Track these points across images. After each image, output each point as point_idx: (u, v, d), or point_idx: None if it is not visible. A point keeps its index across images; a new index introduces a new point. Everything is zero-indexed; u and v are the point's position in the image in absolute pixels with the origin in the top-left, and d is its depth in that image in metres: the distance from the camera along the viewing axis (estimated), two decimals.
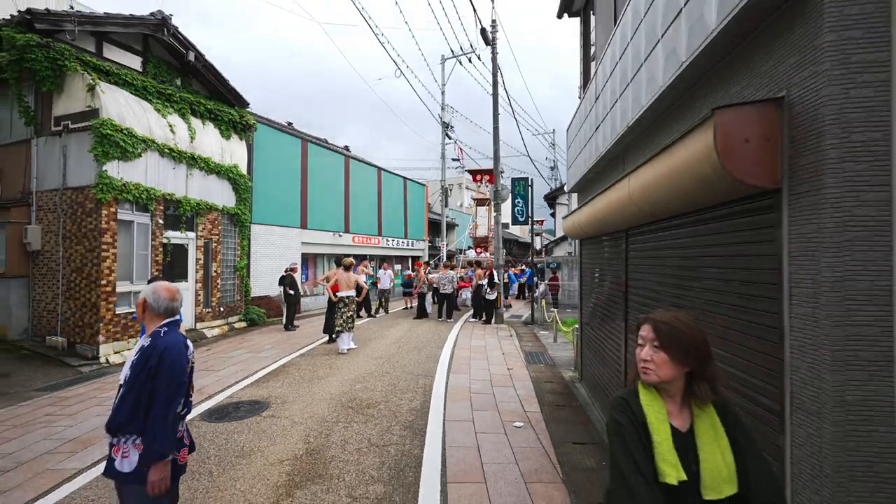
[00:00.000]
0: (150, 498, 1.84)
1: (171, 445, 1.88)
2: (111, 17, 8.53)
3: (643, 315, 1.33)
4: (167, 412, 1.85)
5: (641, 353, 1.26)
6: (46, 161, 7.74)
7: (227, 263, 10.64)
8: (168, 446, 1.85)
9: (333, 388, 5.55)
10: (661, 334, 1.23)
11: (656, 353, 1.23)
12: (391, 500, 3.01)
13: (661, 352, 1.22)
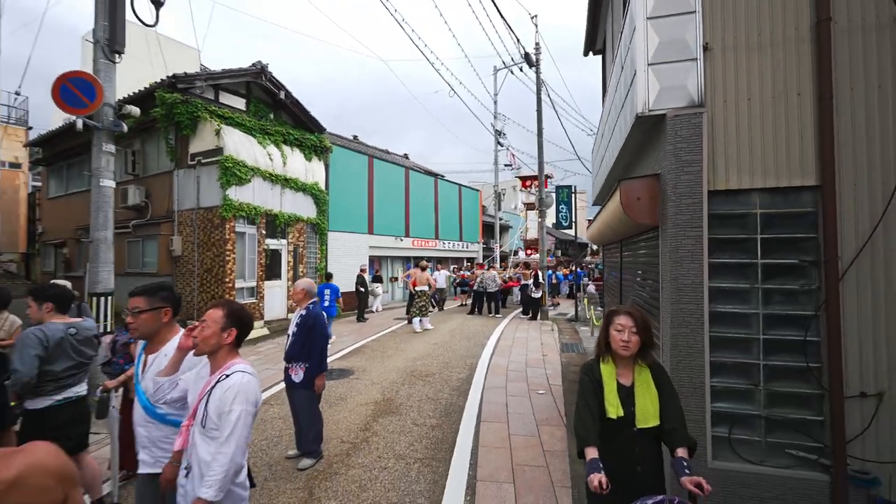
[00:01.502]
0: (312, 396, 3.45)
1: (325, 366, 3.49)
2: (225, 72, 10.84)
3: (619, 308, 1.97)
4: (323, 347, 3.45)
5: (623, 335, 1.85)
6: (185, 187, 10.14)
7: (311, 265, 12.75)
8: (324, 366, 3.47)
9: (399, 363, 7.13)
10: (638, 323, 1.85)
11: (633, 336, 1.84)
12: (441, 427, 4.45)
13: (636, 335, 1.85)
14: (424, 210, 19.55)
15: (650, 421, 1.82)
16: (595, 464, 1.70)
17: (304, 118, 12.97)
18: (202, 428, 1.65)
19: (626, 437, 1.83)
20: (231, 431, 1.62)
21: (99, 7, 5.69)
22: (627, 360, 1.90)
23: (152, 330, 1.98)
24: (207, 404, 1.65)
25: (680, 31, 2.71)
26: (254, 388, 1.73)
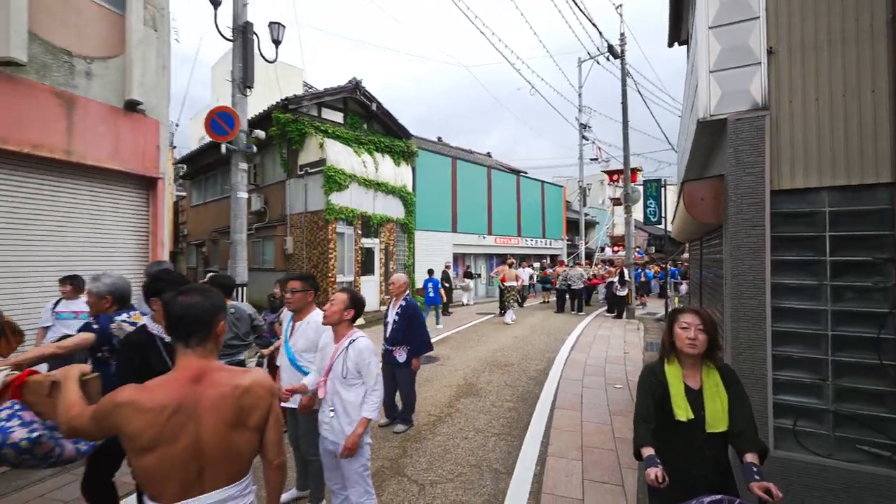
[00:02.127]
0: (411, 374, 4.11)
1: (427, 348, 4.16)
2: (327, 91, 12.25)
3: (687, 307, 1.98)
4: (423, 332, 4.10)
5: (688, 333, 1.83)
6: (295, 194, 11.70)
7: (400, 261, 13.82)
8: (425, 348, 4.12)
9: (481, 353, 7.65)
10: (705, 322, 1.83)
11: (700, 333, 1.82)
12: (517, 410, 4.87)
13: (703, 334, 1.83)
14: (506, 208, 19.82)
15: (720, 425, 1.77)
16: (652, 460, 1.74)
17: (393, 126, 14.06)
18: (343, 379, 2.31)
19: (697, 440, 1.81)
20: (376, 377, 2.34)
21: (235, 52, 6.99)
22: (694, 361, 1.87)
23: (301, 305, 2.75)
24: (346, 362, 2.30)
25: (742, 37, 2.81)
26: (375, 348, 2.41)
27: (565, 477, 3.42)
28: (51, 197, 5.26)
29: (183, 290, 1.47)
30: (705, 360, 1.87)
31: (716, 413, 1.79)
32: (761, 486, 1.56)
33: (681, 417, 1.81)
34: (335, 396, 2.33)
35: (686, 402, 1.82)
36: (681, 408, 1.82)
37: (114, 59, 5.76)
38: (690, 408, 1.81)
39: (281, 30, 7.50)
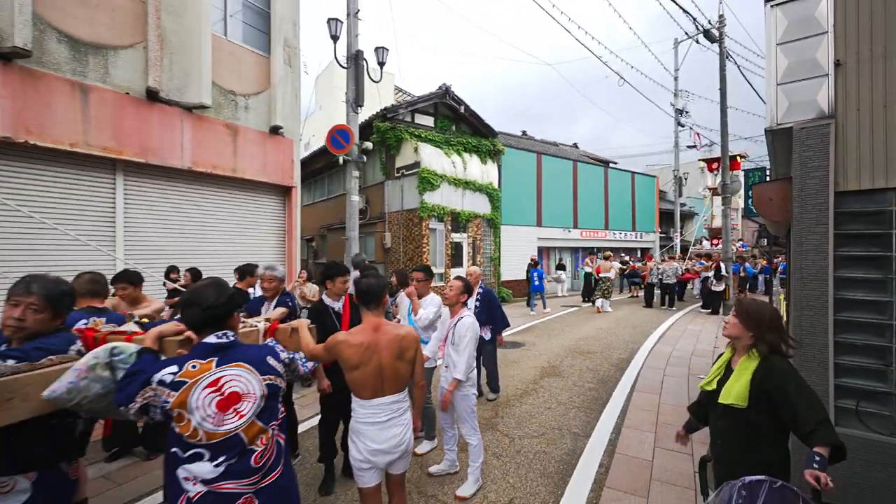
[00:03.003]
0: (495, 350, 4.87)
1: (505, 325, 4.88)
2: (420, 98, 13.37)
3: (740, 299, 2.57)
4: (502, 313, 4.83)
5: (727, 320, 2.10)
6: (392, 194, 13.03)
7: (486, 255, 14.59)
8: (505, 325, 4.86)
9: (564, 341, 8.14)
10: (739, 313, 2.03)
11: (733, 319, 2.05)
12: (597, 390, 5.37)
13: (736, 320, 2.03)
14: (593, 200, 19.56)
15: (729, 398, 1.92)
16: (686, 422, 2.39)
17: (480, 126, 14.80)
18: (452, 345, 3.13)
19: (717, 410, 2.03)
20: (465, 346, 3.09)
21: (349, 77, 8.23)
22: (741, 347, 2.03)
23: (423, 291, 3.62)
24: (454, 332, 3.12)
25: (810, 52, 3.05)
26: (476, 325, 3.18)
27: (638, 443, 3.92)
28: (223, 205, 6.87)
29: (364, 274, 2.37)
30: (752, 347, 2.00)
31: (731, 387, 1.95)
32: (812, 474, 1.61)
33: (706, 387, 2.13)
34: (449, 357, 3.16)
35: (716, 376, 2.09)
36: (709, 379, 2.13)
37: (262, 94, 7.26)
38: (717, 381, 2.06)
39: (385, 53, 8.62)
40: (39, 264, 4.89)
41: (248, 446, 1.45)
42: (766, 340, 1.96)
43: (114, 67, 5.41)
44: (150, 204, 5.97)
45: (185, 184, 6.35)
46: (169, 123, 5.94)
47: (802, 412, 1.78)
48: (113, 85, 5.40)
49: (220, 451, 1.40)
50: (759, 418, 1.91)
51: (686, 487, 3.20)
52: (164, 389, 1.38)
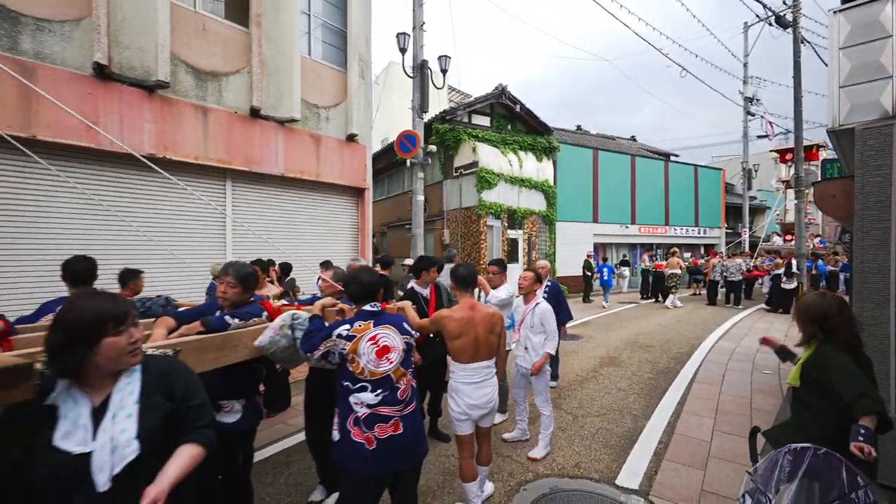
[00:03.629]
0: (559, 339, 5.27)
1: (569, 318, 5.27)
2: (477, 100, 13.83)
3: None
4: (567, 307, 5.22)
5: None
6: (450, 193, 13.62)
7: (542, 251, 14.81)
8: (569, 317, 5.25)
9: (622, 335, 8.31)
10: (795, 306, 2.37)
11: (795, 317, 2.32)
12: (656, 380, 5.60)
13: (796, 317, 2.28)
14: (652, 195, 19.06)
15: (789, 379, 2.22)
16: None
17: (535, 123, 15.00)
18: (531, 328, 3.60)
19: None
20: (552, 328, 3.56)
21: (415, 85, 8.87)
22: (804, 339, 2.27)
23: (497, 283, 4.11)
24: (533, 317, 3.59)
25: (874, 55, 3.18)
26: (551, 308, 3.64)
27: (697, 426, 4.18)
28: (307, 206, 7.75)
29: (460, 264, 2.89)
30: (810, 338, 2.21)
31: (793, 372, 2.25)
32: (856, 445, 1.70)
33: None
34: (527, 339, 3.63)
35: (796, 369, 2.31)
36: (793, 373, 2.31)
37: (340, 105, 8.06)
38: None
39: (447, 60, 9.18)
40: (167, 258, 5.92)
41: (395, 384, 2.02)
42: (810, 332, 2.18)
43: (226, 91, 6.36)
44: (252, 206, 6.93)
45: (278, 188, 7.27)
46: (267, 136, 6.85)
47: (843, 390, 1.92)
48: (225, 106, 6.36)
49: (378, 385, 1.98)
50: (808, 397, 2.14)
51: (743, 465, 3.46)
52: (341, 340, 1.98)
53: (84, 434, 1.19)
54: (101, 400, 1.25)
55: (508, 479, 3.21)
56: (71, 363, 1.20)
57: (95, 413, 1.22)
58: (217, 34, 6.31)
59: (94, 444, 1.17)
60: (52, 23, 4.83)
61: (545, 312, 3.58)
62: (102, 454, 1.17)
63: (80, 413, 1.21)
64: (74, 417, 1.19)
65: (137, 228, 5.55)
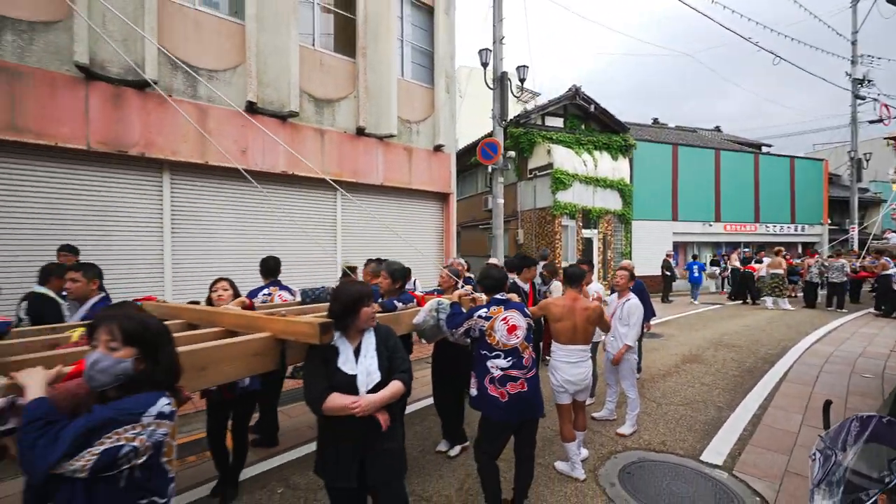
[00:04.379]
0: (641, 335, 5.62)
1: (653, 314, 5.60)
2: (550, 102, 14.12)
3: None
4: (651, 304, 5.56)
5: None
6: (524, 194, 14.06)
7: (617, 250, 14.73)
8: (652, 314, 5.58)
9: (706, 334, 8.29)
10: None
11: None
12: (742, 377, 5.71)
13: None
14: (740, 191, 17.96)
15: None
16: None
17: (610, 122, 14.92)
18: (619, 320, 4.08)
19: None
20: (634, 321, 4.02)
21: (495, 96, 9.49)
22: None
23: (589, 280, 4.63)
24: (623, 310, 4.07)
25: None
26: (641, 305, 4.08)
27: (784, 420, 4.36)
28: (400, 211, 8.68)
29: (572, 265, 3.48)
30: None
31: None
32: None
33: None
34: (616, 330, 4.11)
35: None
36: None
37: (428, 119, 8.91)
38: None
39: (525, 70, 9.69)
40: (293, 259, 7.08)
41: (521, 354, 2.66)
42: None
43: (337, 114, 7.44)
44: (357, 213, 7.98)
45: (378, 196, 8.27)
46: (369, 151, 7.86)
47: None
48: (337, 127, 7.44)
49: (508, 354, 2.63)
50: None
51: None
52: (480, 320, 2.66)
53: (352, 364, 1.96)
54: (356, 345, 2.02)
55: (600, 449, 3.73)
56: (344, 323, 1.98)
57: (355, 352, 2.00)
58: (331, 66, 7.41)
59: (358, 370, 1.94)
60: (219, 72, 6.12)
61: (633, 307, 4.03)
62: (361, 376, 1.93)
63: (348, 351, 1.99)
64: (346, 353, 1.98)
65: (275, 233, 6.77)
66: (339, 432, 1.91)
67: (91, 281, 2.98)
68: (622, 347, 4.01)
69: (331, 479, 1.94)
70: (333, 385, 1.90)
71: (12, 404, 1.28)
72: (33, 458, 1.16)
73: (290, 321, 2.06)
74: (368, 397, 1.87)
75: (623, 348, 4.02)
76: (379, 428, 1.89)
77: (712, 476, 3.29)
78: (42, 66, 4.91)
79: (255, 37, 6.34)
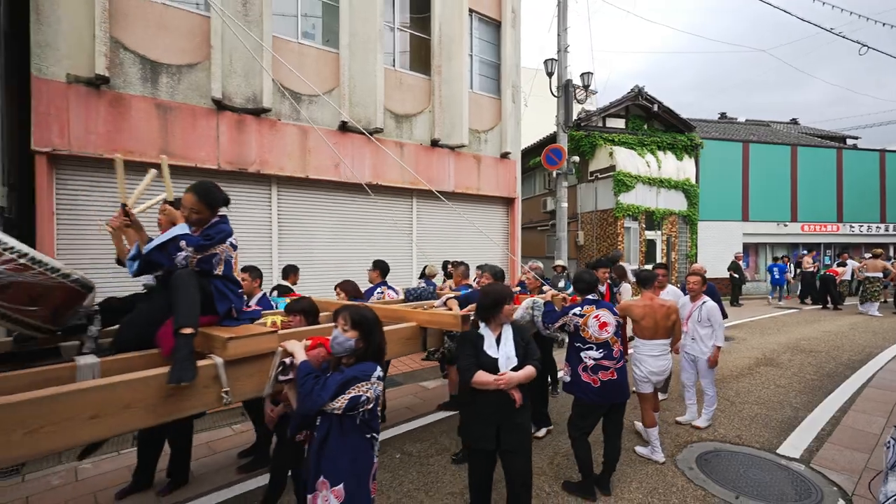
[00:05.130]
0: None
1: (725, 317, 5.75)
2: (611, 104, 14.11)
3: None
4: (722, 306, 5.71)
5: None
6: (585, 196, 14.16)
7: (681, 252, 14.43)
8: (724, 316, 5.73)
9: (780, 339, 8.14)
10: None
11: None
12: (821, 381, 5.69)
13: None
14: (820, 188, 16.85)
15: None
16: None
17: (675, 121, 14.63)
18: (698, 322, 4.34)
19: None
20: (717, 321, 4.23)
21: (559, 103, 9.80)
22: None
23: (664, 284, 4.92)
24: (700, 313, 4.32)
25: None
26: (717, 306, 4.32)
27: (865, 422, 4.42)
28: (470, 215, 9.23)
29: (644, 269, 3.86)
30: None
31: None
32: None
33: None
34: (694, 331, 4.38)
35: None
36: None
37: (495, 128, 9.41)
38: None
39: (590, 77, 9.91)
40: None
41: (611, 346, 3.10)
42: None
43: (415, 128, 8.13)
44: (430, 218, 8.65)
45: (451, 202, 8.88)
46: (442, 161, 8.49)
47: None
48: (414, 140, 8.13)
49: (600, 347, 3.08)
50: None
51: None
52: (575, 317, 3.13)
53: (494, 349, 2.50)
54: (497, 335, 2.56)
55: (676, 438, 4.05)
56: (490, 314, 2.53)
57: (497, 340, 2.54)
58: (409, 85, 8.12)
59: (499, 354, 2.48)
60: (318, 96, 6.98)
61: (711, 309, 4.26)
62: (502, 359, 2.47)
63: (491, 339, 2.53)
64: (489, 340, 2.52)
65: (361, 236, 7.58)
66: (481, 404, 2.45)
67: (254, 280, 3.78)
68: (715, 350, 4.20)
69: (474, 441, 2.50)
70: (480, 364, 2.45)
71: (291, 364, 1.94)
72: (311, 399, 1.79)
73: (433, 313, 2.66)
74: (509, 374, 2.39)
75: (716, 351, 4.21)
76: (513, 403, 2.41)
77: (789, 467, 3.53)
78: (186, 101, 5.95)
79: (348, 63, 7.15)
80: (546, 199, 15.82)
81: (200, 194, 2.15)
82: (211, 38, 5.96)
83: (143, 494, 3.17)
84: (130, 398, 1.49)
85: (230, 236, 2.21)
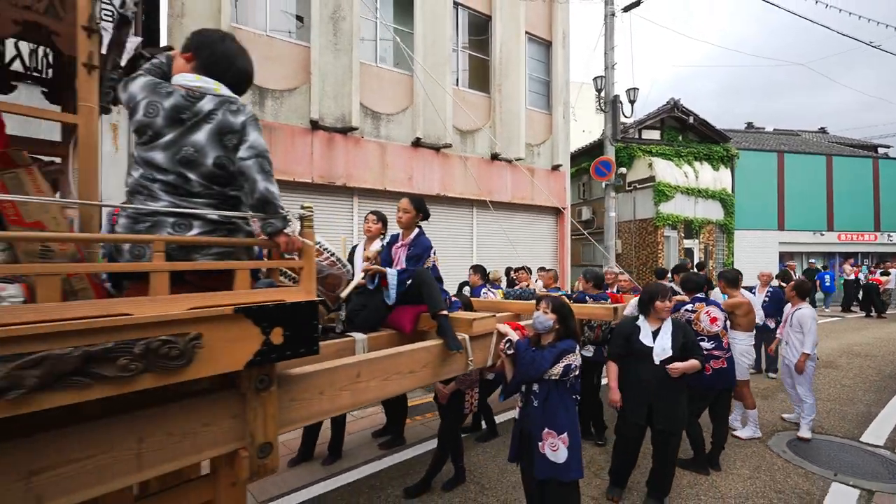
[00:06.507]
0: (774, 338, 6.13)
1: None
2: (648, 116, 14.53)
3: None
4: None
5: None
6: (623, 205, 14.50)
7: (719, 260, 14.64)
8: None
9: (831, 344, 8.37)
10: None
11: None
12: (885, 382, 5.96)
13: None
14: (857, 198, 16.91)
15: None
16: None
17: (710, 132, 14.96)
18: (791, 327, 4.66)
19: None
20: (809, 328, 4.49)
21: (607, 118, 10.28)
22: None
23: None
24: (793, 319, 4.63)
25: None
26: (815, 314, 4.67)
27: None
28: (524, 223, 9.72)
29: (727, 270, 4.27)
30: None
31: None
32: None
33: None
34: (788, 336, 4.71)
35: None
36: None
37: (546, 142, 9.91)
38: None
39: (636, 92, 10.38)
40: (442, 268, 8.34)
41: (721, 339, 3.53)
42: None
43: (476, 143, 8.69)
44: (489, 226, 9.14)
45: (506, 211, 9.39)
46: (500, 173, 9.01)
47: None
48: (476, 153, 8.68)
49: (711, 339, 3.51)
50: None
51: None
52: (687, 312, 3.57)
53: (650, 339, 2.94)
54: (656, 328, 3.00)
55: (763, 427, 4.41)
56: (647, 309, 2.99)
57: (654, 332, 2.98)
58: (471, 103, 8.69)
59: (655, 344, 2.93)
60: (394, 115, 7.59)
61: (803, 316, 4.37)
62: (657, 349, 2.91)
63: (648, 331, 2.98)
64: (646, 331, 2.97)
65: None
66: (635, 387, 2.91)
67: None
68: (801, 356, 4.28)
69: (630, 414, 2.95)
70: (633, 352, 2.90)
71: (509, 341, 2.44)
72: (534, 366, 2.27)
73: (584, 306, 3.13)
74: (678, 364, 2.81)
75: (802, 357, 4.28)
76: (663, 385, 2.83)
77: (876, 452, 3.88)
78: (287, 122, 6.59)
79: (421, 83, 7.75)
80: (581, 208, 16.23)
81: (415, 202, 2.75)
82: (311, 66, 6.61)
83: (309, 463, 3.68)
84: (426, 359, 2.00)
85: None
